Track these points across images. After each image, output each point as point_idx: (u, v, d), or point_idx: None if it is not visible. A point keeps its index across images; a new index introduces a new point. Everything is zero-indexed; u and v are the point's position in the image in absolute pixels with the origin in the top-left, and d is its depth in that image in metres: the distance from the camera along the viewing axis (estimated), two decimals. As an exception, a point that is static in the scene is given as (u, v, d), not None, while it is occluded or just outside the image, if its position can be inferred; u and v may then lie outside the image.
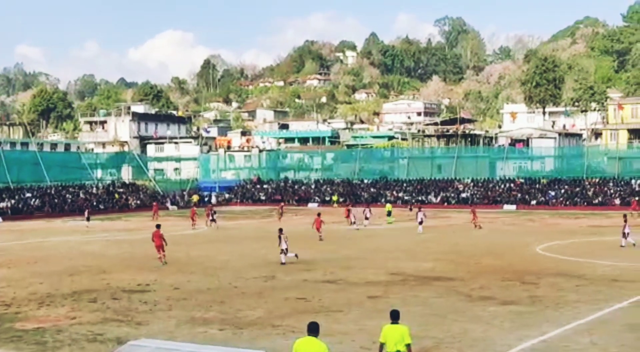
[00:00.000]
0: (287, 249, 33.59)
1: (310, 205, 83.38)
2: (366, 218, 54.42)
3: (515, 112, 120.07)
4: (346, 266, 32.22)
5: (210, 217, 55.20)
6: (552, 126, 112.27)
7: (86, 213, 58.40)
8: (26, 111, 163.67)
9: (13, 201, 71.95)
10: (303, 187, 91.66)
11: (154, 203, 68.89)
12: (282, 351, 16.57)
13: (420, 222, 49.52)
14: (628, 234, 38.47)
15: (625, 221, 39.16)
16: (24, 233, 51.33)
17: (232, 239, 46.19)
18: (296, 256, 33.88)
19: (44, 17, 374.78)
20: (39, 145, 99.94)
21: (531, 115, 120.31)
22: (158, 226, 36.03)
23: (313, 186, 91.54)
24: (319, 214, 48.02)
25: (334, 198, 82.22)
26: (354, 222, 53.73)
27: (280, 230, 34.53)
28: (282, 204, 70.97)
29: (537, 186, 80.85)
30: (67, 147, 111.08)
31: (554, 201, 76.03)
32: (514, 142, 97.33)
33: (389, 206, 61.68)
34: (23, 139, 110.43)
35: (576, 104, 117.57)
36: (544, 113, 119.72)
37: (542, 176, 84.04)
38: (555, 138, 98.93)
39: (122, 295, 25.48)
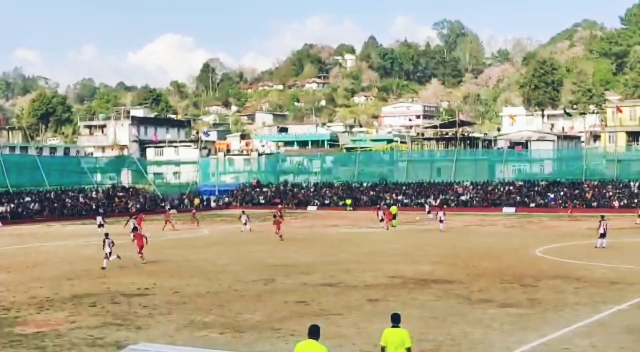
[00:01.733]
0: (110, 254, 34.20)
1: (309, 208, 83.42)
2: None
3: (514, 114, 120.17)
4: (345, 269, 32.24)
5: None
6: (551, 129, 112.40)
7: (99, 219, 57.83)
8: (25, 115, 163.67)
9: (12, 205, 71.95)
10: (302, 191, 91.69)
11: (168, 211, 68.47)
12: (282, 355, 16.60)
13: (441, 221, 52.67)
14: (604, 234, 39.22)
15: (601, 222, 39.68)
16: (23, 237, 51.32)
17: (232, 243, 46.19)
18: (118, 256, 34.47)
19: (43, 21, 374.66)
20: (38, 150, 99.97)
21: (530, 118, 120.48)
22: (135, 229, 36.78)
23: (312, 189, 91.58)
24: (274, 216, 51.02)
25: (347, 202, 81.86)
26: (382, 220, 55.46)
27: (106, 235, 35.25)
28: (280, 206, 71.20)
29: (537, 188, 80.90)
30: (67, 151, 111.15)
31: (552, 203, 76.09)
32: (513, 144, 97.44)
33: (394, 208, 61.03)
34: (22, 143, 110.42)
35: (575, 106, 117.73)
36: (542, 116, 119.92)
37: (541, 179, 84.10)
38: (554, 141, 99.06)
39: (121, 299, 25.47)
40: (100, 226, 52.10)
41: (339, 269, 32.52)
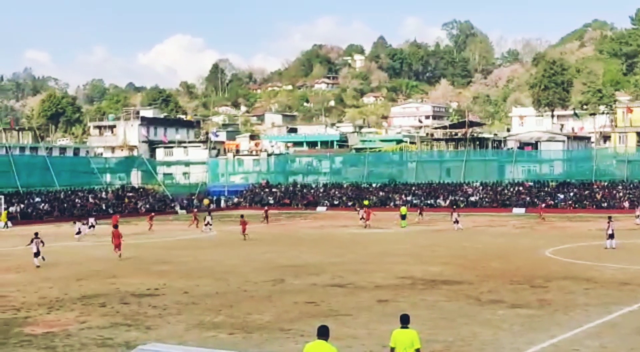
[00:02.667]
0: (38, 253, 35.10)
1: (319, 208, 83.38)
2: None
3: (523, 115, 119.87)
4: (354, 270, 32.21)
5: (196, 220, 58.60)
6: (561, 129, 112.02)
7: (91, 221, 58.01)
8: (35, 116, 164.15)
9: (22, 206, 72.17)
10: (312, 191, 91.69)
11: (194, 210, 68.75)
12: (291, 355, 16.59)
13: (456, 222, 53.79)
14: (612, 235, 39.39)
15: (609, 223, 39.87)
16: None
17: (241, 243, 46.22)
18: (43, 258, 35.27)
19: (53, 22, 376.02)
20: (48, 150, 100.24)
21: (540, 118, 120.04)
22: (116, 226, 40.08)
23: (322, 190, 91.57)
24: (242, 215, 52.58)
25: (365, 203, 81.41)
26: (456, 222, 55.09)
27: (36, 234, 36.31)
28: (267, 207, 71.68)
29: (546, 189, 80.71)
30: (76, 151, 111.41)
31: (562, 204, 75.90)
32: (522, 145, 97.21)
33: (403, 209, 60.55)
34: (32, 143, 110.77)
35: (585, 107, 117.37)
36: (552, 116, 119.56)
37: (551, 179, 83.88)
38: (564, 141, 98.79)
39: (131, 299, 25.51)
40: (92, 226, 52.95)
41: (348, 269, 32.51)
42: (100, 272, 32.87)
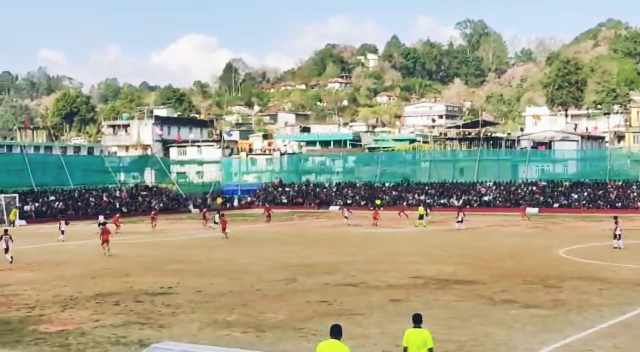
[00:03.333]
0: (7, 250, 36.22)
1: (331, 208, 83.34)
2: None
3: (537, 114, 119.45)
4: (367, 270, 32.22)
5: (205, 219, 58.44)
6: (575, 129, 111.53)
7: (152, 217, 58.59)
8: (50, 115, 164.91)
9: (37, 204, 72.50)
10: (324, 190, 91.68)
11: (204, 210, 68.44)
12: (304, 354, 16.63)
13: (460, 221, 54.14)
14: (620, 235, 39.38)
15: (616, 223, 39.87)
16: (47, 236, 51.67)
17: (254, 242, 46.31)
18: (11, 257, 35.90)
19: (67, 22, 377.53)
20: (63, 149, 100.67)
21: (553, 118, 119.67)
22: (104, 224, 41.81)
23: (335, 189, 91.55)
24: (222, 215, 52.67)
25: (377, 202, 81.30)
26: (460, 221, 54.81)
27: (5, 231, 37.43)
28: (268, 206, 71.69)
29: (560, 188, 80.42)
30: (91, 150, 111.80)
31: (576, 203, 75.62)
32: (536, 144, 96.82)
33: (421, 209, 60.52)
34: (47, 142, 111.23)
35: (599, 106, 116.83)
36: (566, 116, 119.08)
37: (564, 179, 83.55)
38: (577, 141, 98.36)
39: (144, 298, 25.61)
40: (100, 224, 52.76)
41: (360, 269, 32.52)
42: (114, 270, 33.01)
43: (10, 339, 19.58)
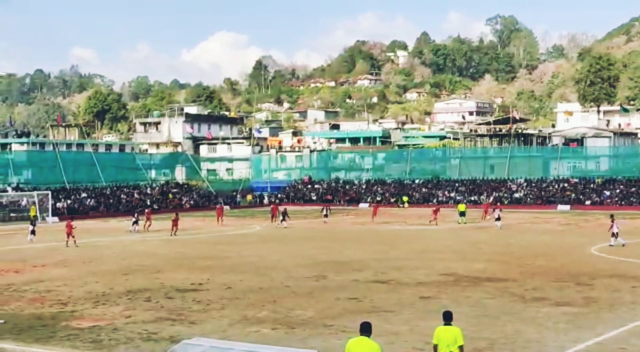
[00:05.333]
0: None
1: (361, 205, 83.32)
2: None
3: (569, 111, 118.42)
4: (397, 267, 32.15)
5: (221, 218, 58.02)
6: (607, 125, 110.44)
7: (220, 212, 59.50)
8: (81, 113, 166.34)
9: (69, 201, 73.23)
10: (354, 188, 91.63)
11: (218, 206, 68.46)
12: (334, 351, 16.60)
13: (498, 219, 52.10)
14: (617, 233, 39.33)
15: (612, 221, 39.85)
16: (79, 233, 52.02)
17: (283, 239, 46.40)
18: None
19: (99, 20, 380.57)
20: (94, 146, 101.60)
21: (585, 114, 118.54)
22: (72, 218, 45.12)
23: (364, 186, 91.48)
24: (176, 214, 52.78)
25: (404, 199, 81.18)
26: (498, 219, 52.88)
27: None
28: (274, 205, 70.16)
29: (592, 185, 79.73)
30: (122, 148, 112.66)
31: (609, 201, 74.90)
32: (567, 141, 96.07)
33: (461, 206, 60.39)
34: (79, 140, 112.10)
35: (631, 102, 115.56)
36: (598, 112, 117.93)
37: (596, 176, 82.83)
38: (610, 137, 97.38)
39: (175, 294, 25.75)
40: (135, 222, 52.87)
41: (390, 266, 32.46)
42: (146, 267, 33.24)
43: (43, 334, 19.78)
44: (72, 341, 19.01)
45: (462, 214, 58.05)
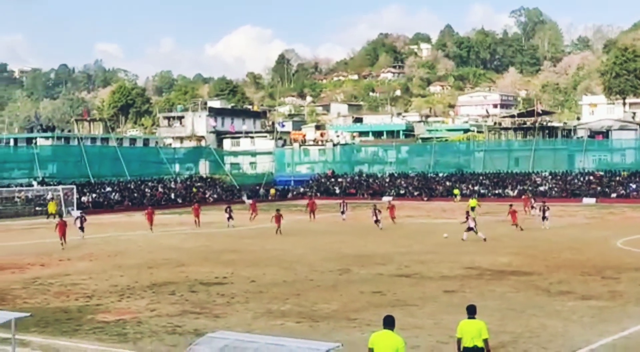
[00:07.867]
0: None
1: (384, 198, 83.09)
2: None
3: (594, 103, 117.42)
4: (421, 260, 32.09)
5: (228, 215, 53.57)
6: (633, 117, 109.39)
7: (254, 207, 58.59)
8: (106, 107, 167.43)
9: (94, 195, 73.71)
10: (377, 181, 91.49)
11: (252, 201, 67.05)
12: (358, 344, 16.59)
13: (544, 218, 47.37)
14: (472, 228, 39.71)
15: (468, 216, 40.72)
16: (104, 227, 52.47)
17: (307, 233, 46.43)
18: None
19: (123, 15, 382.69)
20: (119, 141, 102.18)
21: (611, 106, 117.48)
22: (61, 216, 45.37)
23: (387, 180, 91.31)
24: (151, 208, 51.94)
25: (456, 192, 79.74)
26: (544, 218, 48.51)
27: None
28: (312, 200, 65.56)
29: (618, 178, 79.06)
30: (146, 142, 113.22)
31: (635, 194, 74.26)
32: (593, 134, 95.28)
33: (473, 201, 59.30)
34: (103, 134, 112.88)
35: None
36: (624, 104, 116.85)
37: (622, 169, 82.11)
38: (636, 130, 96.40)
39: (200, 288, 25.88)
40: (229, 217, 51.21)
41: (414, 259, 32.40)
42: (170, 260, 33.41)
43: (69, 327, 19.96)
44: (97, 334, 19.17)
45: (473, 209, 57.00)
